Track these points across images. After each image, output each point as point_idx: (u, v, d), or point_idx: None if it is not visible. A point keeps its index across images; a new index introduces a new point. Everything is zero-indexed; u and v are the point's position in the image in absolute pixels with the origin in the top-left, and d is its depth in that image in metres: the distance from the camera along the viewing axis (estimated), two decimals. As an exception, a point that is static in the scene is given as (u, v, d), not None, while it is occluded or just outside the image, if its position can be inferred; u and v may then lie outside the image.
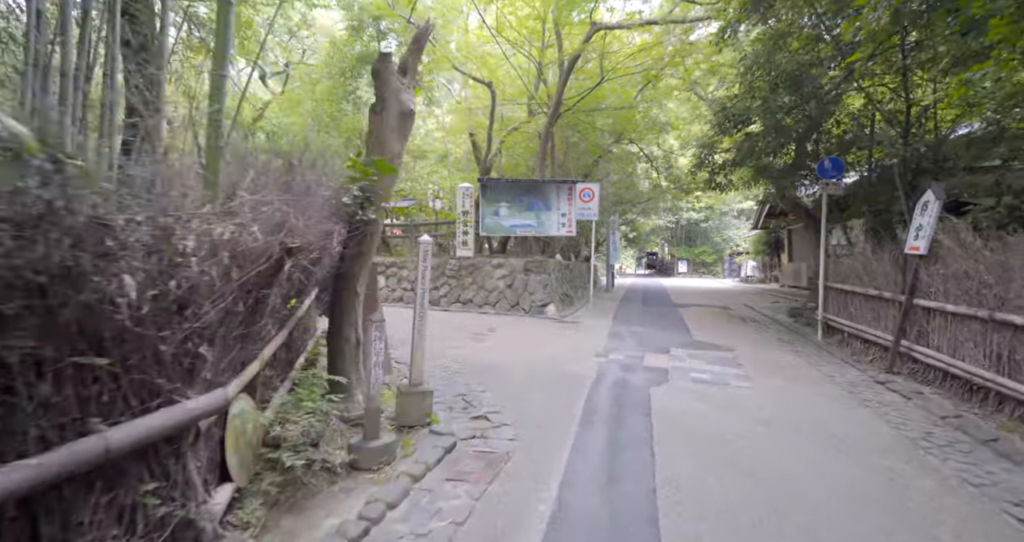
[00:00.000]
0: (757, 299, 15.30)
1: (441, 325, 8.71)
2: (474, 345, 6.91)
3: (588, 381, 5.01)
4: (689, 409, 4.20)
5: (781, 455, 3.30)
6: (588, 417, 3.96)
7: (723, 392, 4.75)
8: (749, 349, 7.06)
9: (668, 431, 3.65)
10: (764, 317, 10.78)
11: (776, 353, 6.81)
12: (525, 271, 11.01)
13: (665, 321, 9.94)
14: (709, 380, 5.17)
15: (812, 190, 10.83)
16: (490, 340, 7.35)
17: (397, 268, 12.43)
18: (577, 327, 8.92)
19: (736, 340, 7.82)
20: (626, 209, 22.33)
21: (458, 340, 7.23)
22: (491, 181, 11.51)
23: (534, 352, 6.46)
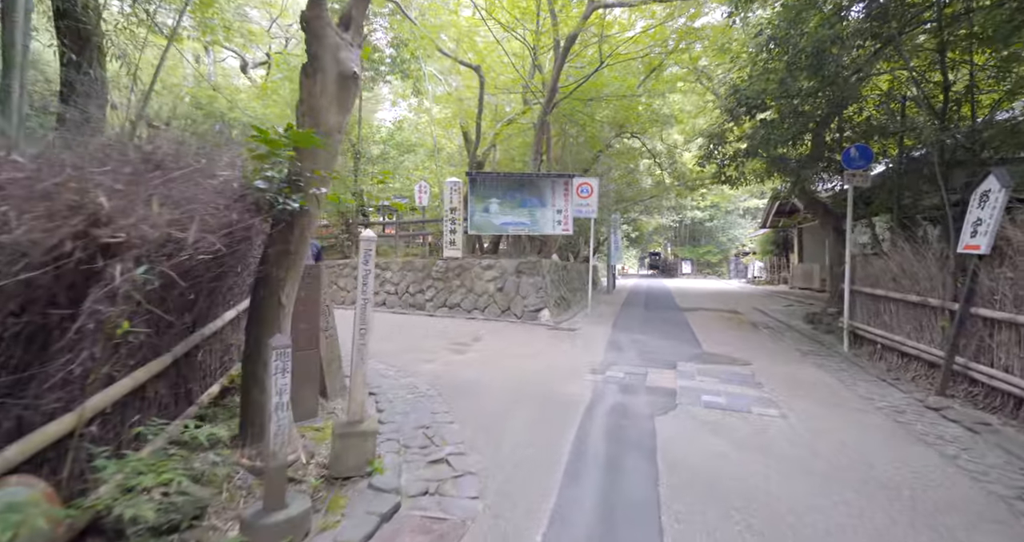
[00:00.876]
0: (767, 302, 14.46)
1: (422, 332, 7.91)
2: (453, 358, 6.10)
3: (580, 407, 4.19)
4: (705, 448, 3.38)
5: (841, 526, 2.47)
6: (577, 461, 3.15)
7: (744, 422, 3.92)
8: (767, 363, 6.24)
9: (680, 485, 2.83)
10: (778, 323, 9.95)
11: (799, 368, 5.98)
12: (517, 273, 10.20)
13: (670, 328, 9.12)
14: (725, 405, 4.34)
15: (831, 184, 10.02)
16: (472, 351, 6.53)
17: (380, 269, 11.62)
18: (573, 335, 8.10)
19: (751, 351, 7.00)
20: (628, 207, 21.52)
21: (436, 352, 6.42)
22: (480, 175, 10.71)
23: (521, 367, 5.65)
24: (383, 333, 7.79)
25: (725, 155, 8.93)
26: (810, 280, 17.31)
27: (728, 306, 13.40)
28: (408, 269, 11.30)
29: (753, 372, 5.68)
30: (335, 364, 4.36)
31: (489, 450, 3.31)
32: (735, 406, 4.33)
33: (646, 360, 6.18)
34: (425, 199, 12.08)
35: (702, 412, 4.15)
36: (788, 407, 4.34)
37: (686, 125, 20.87)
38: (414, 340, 7.22)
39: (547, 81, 10.70)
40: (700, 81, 15.93)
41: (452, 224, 11.21)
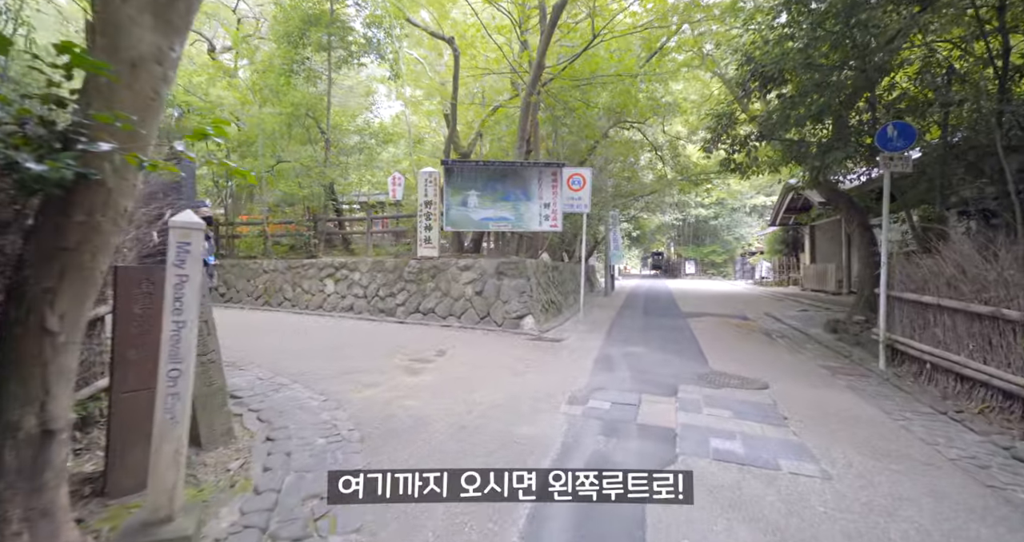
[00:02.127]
0: (779, 306, 13.34)
1: (381, 344, 6.80)
2: (403, 381, 5.00)
3: (545, 461, 3.10)
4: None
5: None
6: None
7: (772, 488, 2.82)
8: (788, 385, 5.14)
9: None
10: (794, 332, 8.84)
11: (829, 393, 4.88)
12: (497, 275, 9.11)
13: (671, 338, 8.01)
14: (744, 457, 3.24)
15: (856, 173, 8.90)
16: (430, 371, 5.44)
17: (348, 270, 10.54)
18: (557, 348, 7.00)
19: (767, 369, 5.90)
20: (627, 203, 20.41)
21: (385, 372, 5.33)
22: (457, 164, 9.62)
23: (482, 394, 4.55)
24: (332, 345, 6.70)
25: (734, 138, 7.84)
26: (824, 282, 16.19)
27: (735, 311, 12.29)
28: (378, 270, 10.22)
29: (774, 399, 4.58)
30: (216, 399, 3.27)
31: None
32: (757, 458, 3.22)
33: (640, 382, 5.08)
34: (399, 192, 11.01)
35: (712, 469, 3.05)
36: (828, 458, 3.24)
37: (690, 115, 19.78)
38: (366, 355, 6.14)
39: (534, 59, 9.62)
40: (705, 64, 14.85)
41: (427, 220, 10.13)
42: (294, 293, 10.79)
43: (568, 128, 13.98)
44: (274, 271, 11.18)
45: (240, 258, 12.04)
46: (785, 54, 6.07)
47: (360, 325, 8.96)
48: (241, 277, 11.57)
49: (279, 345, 6.64)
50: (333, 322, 9.24)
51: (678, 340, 7.85)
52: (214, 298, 11.66)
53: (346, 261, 10.60)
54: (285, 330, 8.07)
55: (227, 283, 11.69)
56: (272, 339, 7.07)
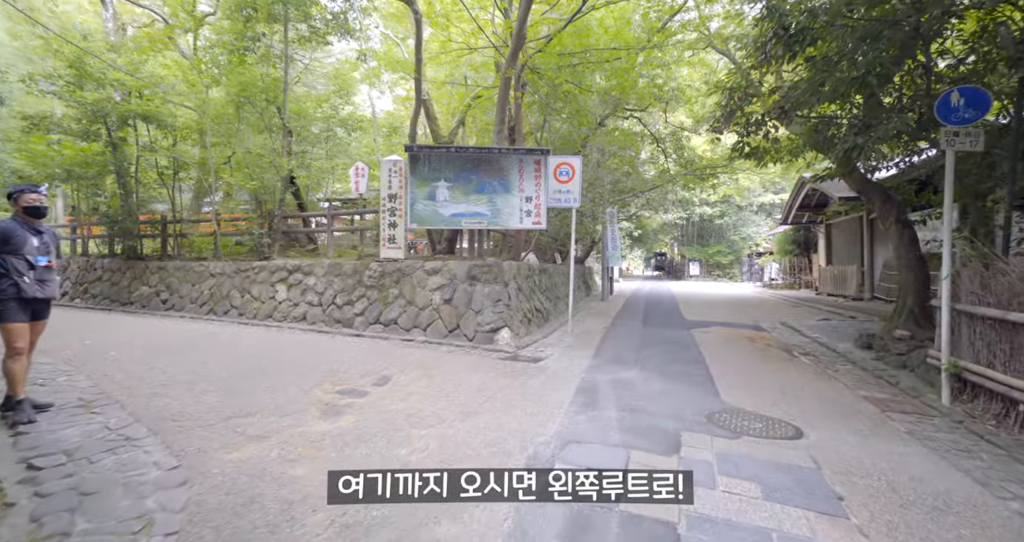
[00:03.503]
0: (795, 313, 12.04)
1: (312, 367, 5.45)
2: (310, 428, 3.73)
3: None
4: None
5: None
6: None
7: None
8: (830, 431, 3.87)
9: None
10: (819, 347, 7.56)
11: (888, 447, 3.59)
12: (469, 279, 7.84)
13: (673, 357, 6.73)
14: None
15: (889, 162, 7.61)
16: (354, 411, 4.16)
17: (303, 274, 9.28)
18: (533, 372, 5.73)
19: (795, 402, 4.63)
20: (627, 200, 19.13)
21: (293, 412, 4.06)
22: (424, 150, 8.33)
23: (406, 452, 3.28)
24: (251, 370, 5.44)
25: (749, 117, 6.55)
26: (843, 285, 14.87)
27: (747, 319, 11.00)
28: (335, 274, 8.96)
29: (814, 459, 3.30)
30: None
31: None
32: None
33: (631, 428, 3.80)
34: (363, 185, 9.76)
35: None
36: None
37: (694, 105, 18.51)
38: (285, 385, 4.87)
39: (514, 29, 8.36)
40: (711, 48, 13.59)
41: (391, 216, 8.87)
42: (242, 300, 9.53)
43: (560, 117, 12.71)
44: (221, 275, 9.93)
45: (188, 260, 10.79)
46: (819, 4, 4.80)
47: (307, 339, 7.70)
48: (185, 281, 10.32)
49: (183, 371, 5.38)
50: (276, 336, 7.98)
51: (682, 360, 6.56)
52: (155, 306, 10.41)
53: (300, 264, 9.33)
54: (210, 348, 6.81)
55: (170, 288, 10.42)
56: (183, 362, 5.81)
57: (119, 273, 11.15)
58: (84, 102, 9.54)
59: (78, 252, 12.71)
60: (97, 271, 11.54)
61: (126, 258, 11.30)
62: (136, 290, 10.61)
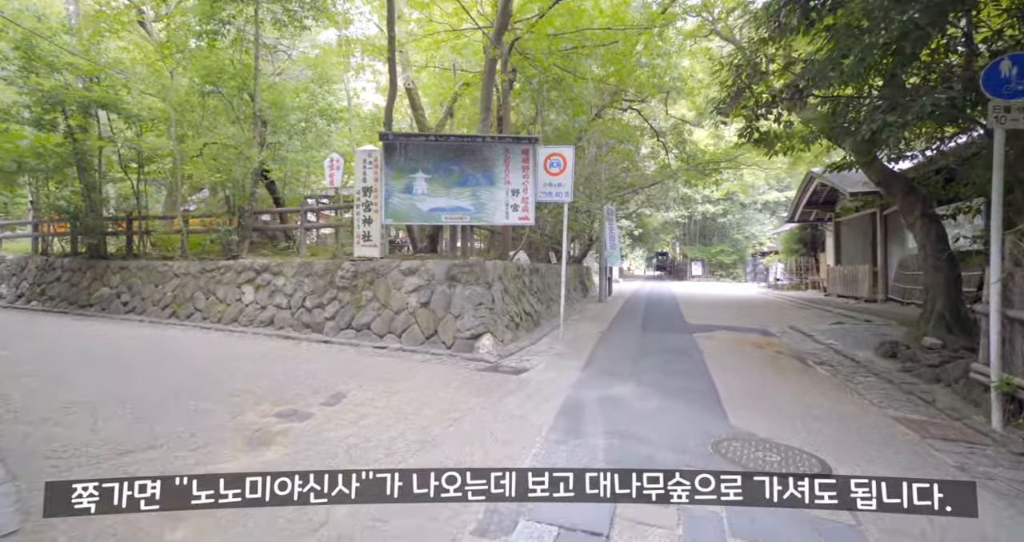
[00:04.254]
0: (804, 316, 11.34)
1: (268, 378, 4.75)
2: (224, 466, 3.05)
3: None
4: None
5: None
6: None
7: None
8: (864, 470, 3.17)
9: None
10: (836, 355, 6.87)
11: (959, 497, 2.89)
12: (448, 281, 7.16)
13: (673, 367, 6.03)
14: None
15: (916, 151, 6.91)
16: (289, 439, 3.47)
17: (271, 274, 8.60)
18: (512, 386, 5.04)
19: (817, 429, 3.94)
20: (626, 197, 18.43)
21: (216, 441, 3.37)
22: (400, 138, 7.65)
23: (326, 509, 2.59)
24: (191, 384, 4.75)
25: (760, 97, 5.87)
26: (853, 286, 14.16)
27: (754, 322, 10.30)
28: (306, 274, 8.27)
29: (856, 518, 2.60)
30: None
31: None
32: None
33: (619, 461, 3.11)
34: (338, 178, 9.08)
35: None
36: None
37: (696, 97, 17.82)
38: (213, 404, 4.18)
39: (499, 6, 7.68)
40: (714, 34, 12.92)
41: (366, 211, 8.20)
42: (207, 302, 8.84)
43: (553, 107, 12.01)
44: (185, 275, 9.25)
45: (153, 259, 10.11)
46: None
47: (268, 347, 7.02)
48: (148, 282, 9.64)
49: (97, 388, 4.68)
50: (235, 343, 7.30)
51: (683, 371, 5.87)
52: (115, 308, 9.73)
53: (269, 263, 8.65)
54: (149, 358, 6.13)
55: (132, 289, 9.75)
56: (105, 376, 5.12)
57: (79, 273, 10.47)
58: (38, 89, 8.87)
59: (38, 251, 12.03)
60: (56, 271, 10.87)
61: (89, 257, 10.63)
62: (96, 291, 9.94)
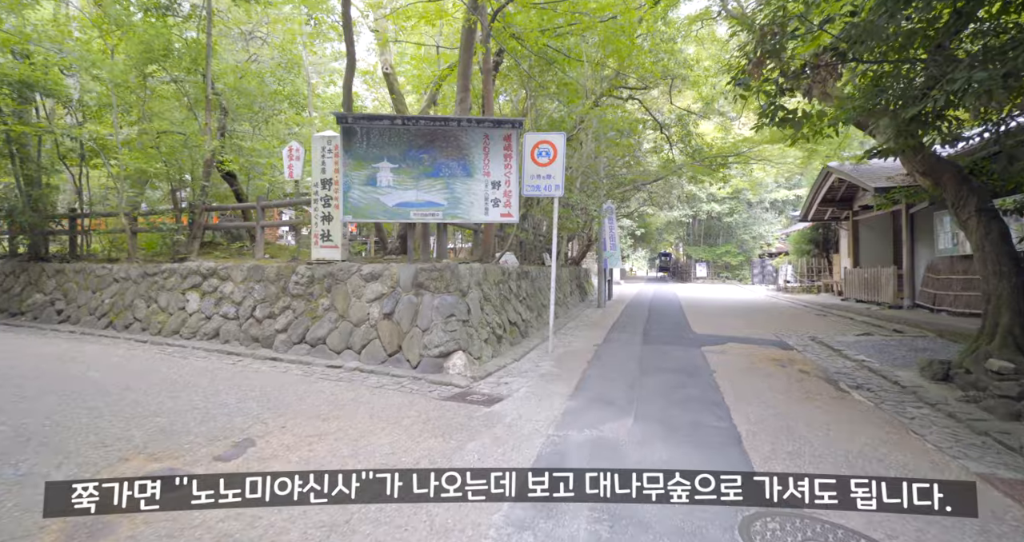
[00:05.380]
0: (824, 325, 10.31)
1: (158, 414, 3.69)
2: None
3: None
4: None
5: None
6: None
7: None
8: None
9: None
10: (873, 376, 5.84)
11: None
12: (415, 288, 6.15)
13: (681, 395, 5.01)
14: None
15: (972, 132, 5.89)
16: (119, 533, 2.47)
17: (219, 279, 7.60)
18: (476, 426, 4.02)
19: (881, 492, 2.90)
20: (627, 194, 17.41)
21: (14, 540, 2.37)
22: (361, 120, 6.63)
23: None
24: (29, 427, 3.74)
25: (788, 65, 4.86)
26: (875, 290, 13.11)
27: (767, 332, 9.28)
28: (257, 279, 7.27)
29: None
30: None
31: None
32: None
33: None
34: (298, 169, 8.08)
35: None
36: None
37: (703, 87, 16.81)
38: (65, 452, 3.19)
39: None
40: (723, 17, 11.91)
41: (325, 206, 7.21)
42: (147, 311, 7.85)
43: (546, 93, 11.01)
44: (125, 280, 8.25)
45: (97, 261, 9.13)
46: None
47: (200, 367, 6.02)
48: (86, 287, 8.65)
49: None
50: (163, 361, 6.29)
51: (692, 399, 4.85)
52: (47, 317, 8.73)
53: (216, 267, 7.65)
54: (40, 384, 5.13)
55: (68, 296, 8.76)
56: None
57: (12, 277, 9.50)
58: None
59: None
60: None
61: (27, 259, 9.66)
62: (29, 298, 8.96)
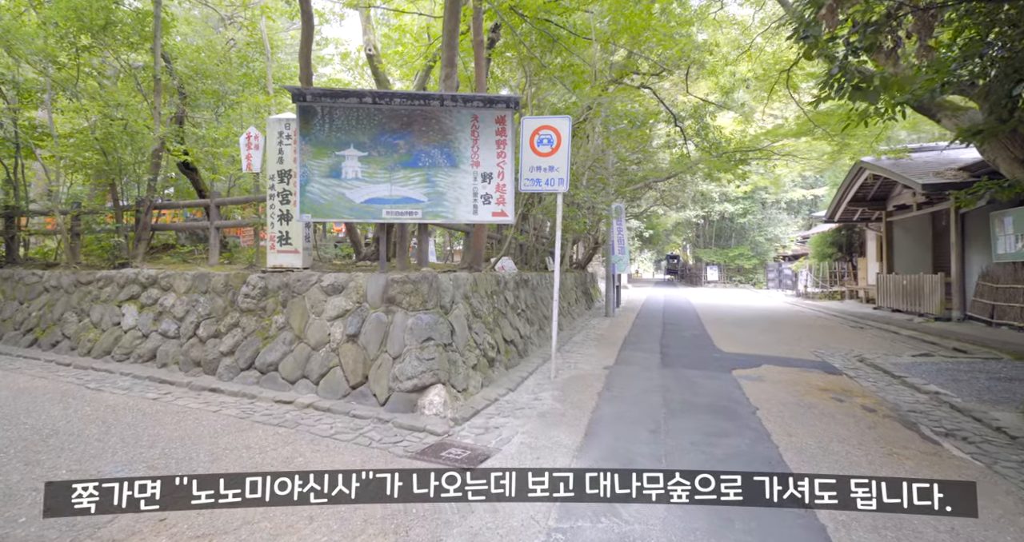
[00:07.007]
0: (865, 339, 9.14)
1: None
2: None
3: None
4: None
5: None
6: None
7: None
8: None
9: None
10: (959, 417, 4.69)
11: None
12: (386, 304, 5.04)
13: (723, 450, 3.85)
14: None
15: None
16: None
17: (160, 290, 6.52)
18: (445, 510, 2.89)
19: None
20: (638, 193, 16.28)
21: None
22: (323, 97, 5.50)
23: None
24: None
25: (871, 12, 3.70)
26: (916, 299, 11.91)
27: (805, 350, 8.12)
28: (202, 289, 6.19)
29: None
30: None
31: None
32: None
33: None
34: (257, 160, 7.01)
35: None
36: None
37: (720, 76, 15.71)
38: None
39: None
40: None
41: (283, 203, 6.12)
42: (78, 326, 6.77)
43: (550, 76, 9.91)
44: (56, 289, 7.19)
45: (32, 266, 8.07)
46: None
47: (108, 404, 4.92)
48: (13, 298, 7.59)
49: None
50: (69, 395, 5.19)
51: (739, 455, 3.71)
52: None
53: (157, 275, 6.56)
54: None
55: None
56: None
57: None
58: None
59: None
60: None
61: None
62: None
